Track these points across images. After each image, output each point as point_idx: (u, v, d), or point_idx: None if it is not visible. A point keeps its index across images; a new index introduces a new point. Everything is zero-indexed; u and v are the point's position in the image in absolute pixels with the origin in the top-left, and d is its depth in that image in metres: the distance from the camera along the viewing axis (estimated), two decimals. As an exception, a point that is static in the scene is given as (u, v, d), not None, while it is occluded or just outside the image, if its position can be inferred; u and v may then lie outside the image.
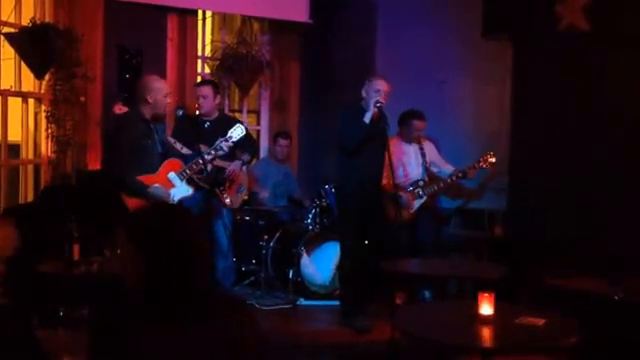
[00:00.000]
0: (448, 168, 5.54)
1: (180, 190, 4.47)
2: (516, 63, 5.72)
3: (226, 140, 4.62)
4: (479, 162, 5.44)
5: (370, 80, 4.83)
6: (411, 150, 5.53)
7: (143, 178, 4.35)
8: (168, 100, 4.50)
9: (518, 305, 3.44)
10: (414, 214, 5.44)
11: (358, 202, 4.84)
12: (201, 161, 4.55)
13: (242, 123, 5.63)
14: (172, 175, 4.44)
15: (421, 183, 5.47)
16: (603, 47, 5.23)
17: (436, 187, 5.48)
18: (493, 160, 5.46)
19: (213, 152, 4.63)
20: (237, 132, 4.67)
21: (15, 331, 2.20)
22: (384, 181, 5.13)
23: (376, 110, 4.68)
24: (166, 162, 4.47)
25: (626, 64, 5.18)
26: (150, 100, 4.37)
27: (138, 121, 4.39)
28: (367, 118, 4.70)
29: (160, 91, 4.41)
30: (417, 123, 5.45)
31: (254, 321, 1.90)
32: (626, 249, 4.79)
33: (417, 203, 5.44)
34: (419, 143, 5.55)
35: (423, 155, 5.52)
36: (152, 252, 1.81)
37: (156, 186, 4.36)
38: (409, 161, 5.52)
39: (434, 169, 5.60)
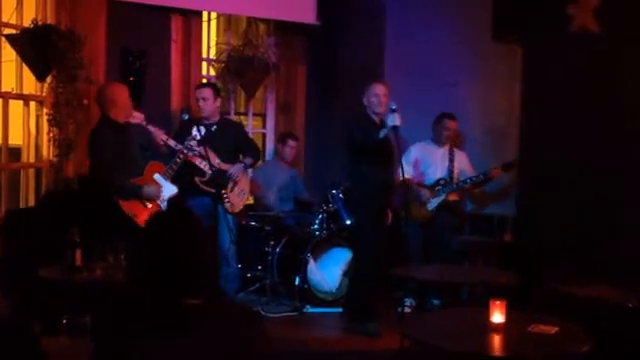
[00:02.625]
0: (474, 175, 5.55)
1: (167, 189, 4.60)
2: (526, 65, 5.63)
3: (193, 139, 4.81)
4: (505, 164, 5.43)
5: (368, 86, 4.87)
6: (439, 152, 5.59)
7: (133, 180, 4.47)
8: (130, 102, 4.61)
9: (529, 313, 3.36)
10: (432, 213, 5.40)
11: (370, 205, 4.77)
12: (178, 160, 4.73)
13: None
14: (157, 176, 4.59)
15: (442, 182, 5.50)
16: (615, 48, 5.14)
17: (455, 187, 5.46)
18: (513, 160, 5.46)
19: (185, 150, 4.78)
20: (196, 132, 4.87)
21: (21, 347, 2.13)
22: (407, 178, 5.15)
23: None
24: (149, 165, 4.61)
25: (638, 65, 5.08)
26: (119, 102, 4.51)
27: (109, 129, 4.48)
28: (382, 134, 4.68)
29: (122, 94, 4.55)
30: (448, 122, 5.53)
31: (258, 334, 1.83)
32: (640, 255, 4.70)
33: (435, 201, 5.42)
34: (450, 147, 5.57)
35: (451, 160, 5.55)
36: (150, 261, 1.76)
37: (148, 185, 4.48)
38: (435, 162, 5.57)
39: (462, 178, 5.59)
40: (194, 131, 4.81)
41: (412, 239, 5.36)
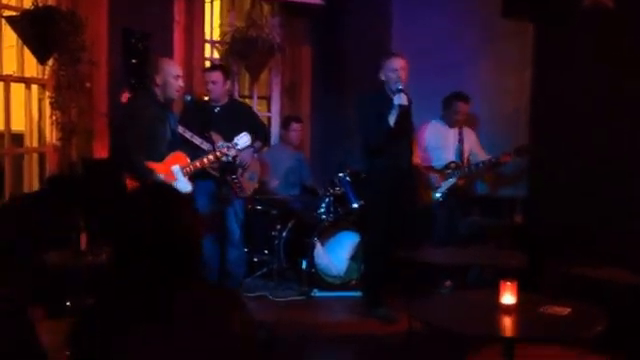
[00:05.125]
0: (485, 158, 5.44)
1: (180, 185, 4.31)
2: (537, 43, 5.52)
3: (232, 147, 4.54)
4: (517, 149, 5.31)
5: (385, 61, 4.67)
6: (450, 134, 5.46)
7: (149, 164, 4.23)
8: (180, 83, 4.35)
9: (541, 294, 3.29)
10: (442, 196, 5.33)
11: (385, 190, 4.69)
12: (205, 160, 4.48)
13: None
14: (176, 168, 4.31)
15: (452, 165, 5.39)
16: (629, 25, 5.02)
17: (467, 171, 5.36)
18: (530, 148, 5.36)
19: (218, 154, 4.53)
20: (243, 140, 4.59)
21: (16, 334, 2.08)
22: (417, 161, 5.11)
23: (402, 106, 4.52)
24: (173, 154, 4.35)
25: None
26: (159, 81, 4.25)
27: (152, 103, 4.28)
28: (392, 120, 4.53)
29: (169, 73, 4.29)
30: (461, 105, 5.38)
31: (243, 313, 1.75)
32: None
33: (445, 185, 5.33)
34: (460, 128, 5.45)
35: (461, 141, 5.44)
36: (127, 237, 1.70)
37: (160, 176, 4.22)
38: (447, 145, 5.44)
39: (472, 158, 5.50)
40: (240, 139, 4.55)
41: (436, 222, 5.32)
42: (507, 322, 2.87)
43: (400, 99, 4.50)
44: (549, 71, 5.46)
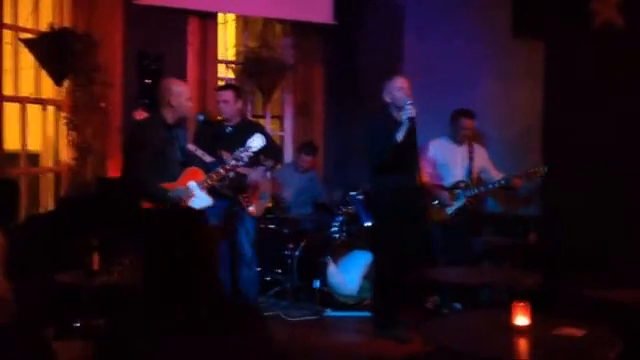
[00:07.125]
0: (497, 176, 5.36)
1: (200, 200, 4.23)
2: (548, 62, 5.51)
3: (245, 150, 4.38)
4: (528, 173, 5.24)
5: (388, 82, 4.69)
6: (459, 151, 5.39)
7: (164, 185, 4.20)
8: (190, 103, 4.37)
9: (555, 315, 3.25)
10: (451, 216, 5.29)
11: (394, 210, 4.68)
12: (222, 170, 4.38)
13: (263, 131, 5.47)
14: (193, 184, 4.24)
15: (462, 184, 5.32)
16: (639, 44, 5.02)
17: (477, 191, 5.32)
18: (542, 172, 5.26)
19: (234, 162, 4.42)
20: (256, 142, 4.40)
21: (32, 348, 2.10)
22: (425, 178, 5.08)
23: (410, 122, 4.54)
24: (187, 170, 4.30)
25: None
26: (173, 103, 4.24)
27: (160, 126, 4.27)
28: (399, 136, 4.53)
29: (182, 94, 4.30)
30: (465, 121, 5.32)
31: (265, 333, 1.78)
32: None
33: (456, 203, 5.28)
34: (469, 145, 5.40)
35: (471, 159, 5.37)
36: (157, 258, 1.72)
37: (178, 187, 4.16)
38: (455, 162, 5.38)
39: (483, 175, 5.42)
40: (253, 142, 4.38)
41: (436, 242, 5.27)
42: (521, 344, 2.84)
43: (408, 112, 4.51)
44: (560, 88, 5.45)
